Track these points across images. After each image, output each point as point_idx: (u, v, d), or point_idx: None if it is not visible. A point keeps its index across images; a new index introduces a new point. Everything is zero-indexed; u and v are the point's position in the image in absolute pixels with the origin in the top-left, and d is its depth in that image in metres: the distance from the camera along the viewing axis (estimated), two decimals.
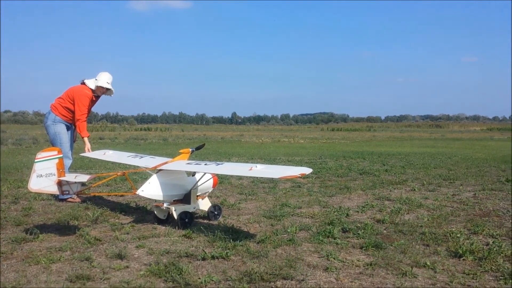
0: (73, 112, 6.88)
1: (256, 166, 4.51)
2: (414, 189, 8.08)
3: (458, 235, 4.75)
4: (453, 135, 46.60)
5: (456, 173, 10.66)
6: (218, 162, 5.10)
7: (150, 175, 5.19)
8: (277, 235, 4.77)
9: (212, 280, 3.43)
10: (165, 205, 5.19)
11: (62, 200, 6.52)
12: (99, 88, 6.96)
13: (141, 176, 8.62)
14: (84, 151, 6.86)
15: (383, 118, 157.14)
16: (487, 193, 7.68)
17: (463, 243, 4.39)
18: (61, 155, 4.63)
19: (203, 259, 3.93)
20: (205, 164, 5.06)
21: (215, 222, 5.42)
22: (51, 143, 6.91)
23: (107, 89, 7.05)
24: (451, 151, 19.17)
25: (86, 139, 6.89)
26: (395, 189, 8.19)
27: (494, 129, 71.09)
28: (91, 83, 6.95)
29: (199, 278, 3.46)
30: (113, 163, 11.03)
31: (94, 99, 7.06)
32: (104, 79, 6.98)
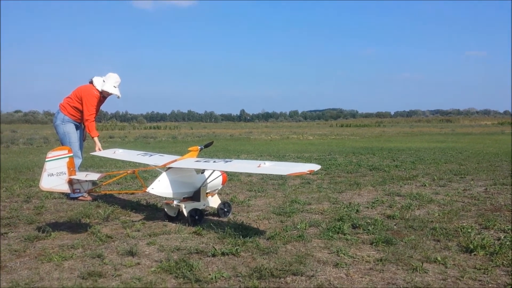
0: (81, 112, 6.91)
1: (265, 163, 4.53)
2: (425, 185, 8.04)
3: (469, 230, 4.73)
4: (464, 129, 46.18)
5: (467, 168, 10.58)
6: (226, 160, 5.12)
7: (160, 173, 5.22)
8: (287, 231, 4.77)
9: (222, 276, 3.45)
10: (175, 202, 5.22)
11: (74, 198, 6.59)
12: (105, 91, 6.98)
13: (151, 174, 8.68)
14: (94, 151, 6.91)
15: (392, 113, 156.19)
16: (499, 188, 7.62)
17: (474, 238, 4.36)
18: (71, 154, 4.67)
19: (213, 255, 3.96)
20: (214, 162, 5.09)
21: (225, 219, 5.44)
22: (61, 142, 6.96)
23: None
24: (462, 146, 19.01)
25: (96, 138, 6.92)
26: (405, 184, 8.15)
27: (505, 123, 70.16)
28: (98, 84, 6.96)
29: (210, 274, 3.48)
30: (123, 161, 11.11)
31: (101, 99, 7.09)
32: (111, 83, 6.96)
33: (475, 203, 6.35)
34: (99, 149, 6.87)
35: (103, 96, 7.07)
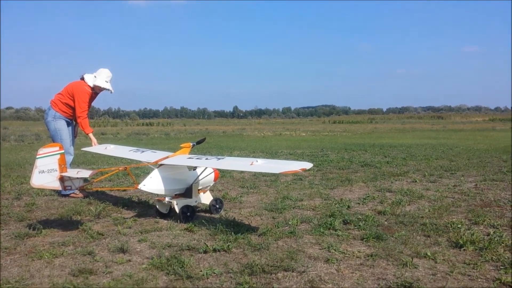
0: (72, 108, 6.88)
1: (257, 161, 4.52)
2: (416, 181, 8.09)
3: (459, 226, 4.77)
4: (455, 126, 46.46)
5: (458, 164, 10.66)
6: (219, 157, 5.11)
7: (152, 170, 5.21)
8: (279, 227, 4.79)
9: (214, 273, 3.46)
10: (167, 199, 5.21)
11: (65, 195, 6.56)
12: (97, 86, 6.95)
13: (143, 170, 8.65)
14: (86, 146, 6.88)
15: (384, 110, 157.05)
16: (489, 184, 7.69)
17: (464, 234, 4.40)
18: (63, 151, 4.65)
19: (205, 252, 3.96)
20: (206, 159, 5.08)
21: (216, 216, 5.44)
22: (52, 139, 6.92)
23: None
24: (453, 142, 19.14)
25: (91, 134, 6.91)
26: (396, 180, 8.20)
27: (496, 119, 70.74)
28: (90, 80, 6.92)
29: (201, 271, 3.48)
30: (115, 158, 11.08)
31: (93, 95, 7.05)
32: (102, 78, 6.92)
33: (465, 198, 6.40)
34: (95, 144, 6.86)
35: (95, 92, 7.04)
